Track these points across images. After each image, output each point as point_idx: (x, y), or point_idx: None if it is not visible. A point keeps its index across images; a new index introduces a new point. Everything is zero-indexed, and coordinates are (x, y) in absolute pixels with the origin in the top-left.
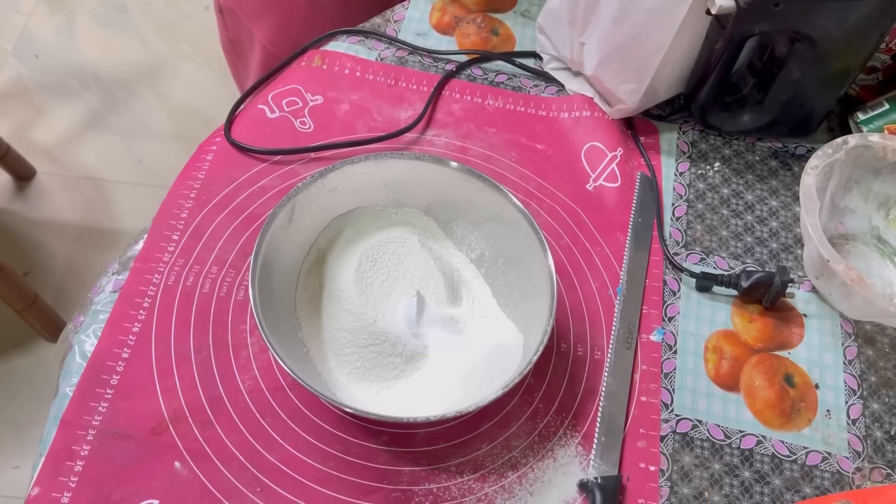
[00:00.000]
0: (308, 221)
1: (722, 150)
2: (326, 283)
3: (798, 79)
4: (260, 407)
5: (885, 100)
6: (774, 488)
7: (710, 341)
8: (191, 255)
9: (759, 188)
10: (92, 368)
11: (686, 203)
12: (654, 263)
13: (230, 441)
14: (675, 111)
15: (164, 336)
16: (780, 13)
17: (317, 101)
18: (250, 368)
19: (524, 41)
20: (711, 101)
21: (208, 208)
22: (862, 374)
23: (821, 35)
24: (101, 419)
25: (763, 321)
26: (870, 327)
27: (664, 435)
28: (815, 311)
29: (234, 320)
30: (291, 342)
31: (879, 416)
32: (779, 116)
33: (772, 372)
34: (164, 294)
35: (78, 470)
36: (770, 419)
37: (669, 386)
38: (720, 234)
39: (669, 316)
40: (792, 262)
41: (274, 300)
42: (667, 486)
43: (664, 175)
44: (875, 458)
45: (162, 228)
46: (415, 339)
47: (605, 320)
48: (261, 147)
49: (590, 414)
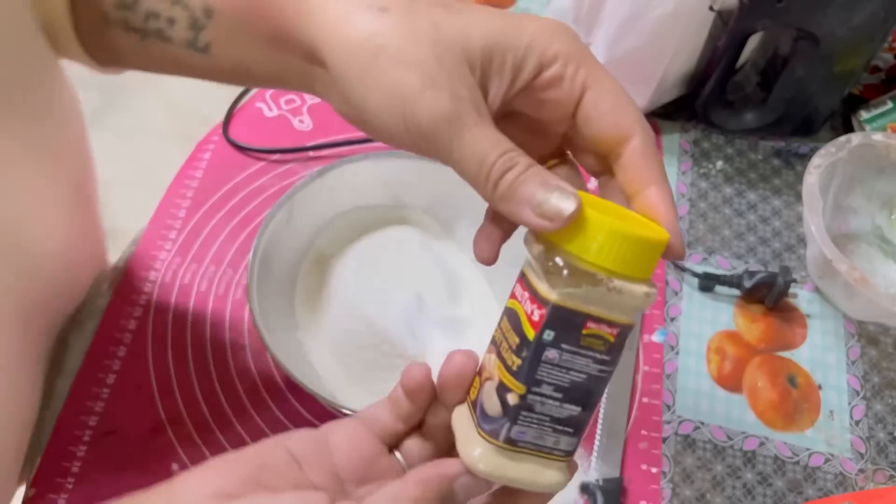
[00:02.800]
0: (307, 221)
1: (724, 149)
2: (325, 282)
3: (802, 77)
4: (258, 407)
5: (889, 98)
6: (777, 490)
7: (712, 342)
8: (188, 253)
9: (761, 187)
10: (88, 367)
11: (688, 202)
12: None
13: (227, 442)
14: (677, 109)
15: (161, 334)
16: (782, 10)
17: (315, 99)
18: (248, 368)
19: None
20: (714, 99)
21: (206, 207)
22: (865, 374)
23: (825, 33)
24: (97, 419)
25: (766, 321)
26: (873, 328)
27: (666, 436)
28: (819, 311)
29: (232, 320)
30: (290, 342)
31: (883, 417)
32: (782, 115)
33: (775, 373)
34: (160, 292)
35: (75, 471)
36: (773, 420)
37: (671, 387)
38: (723, 233)
39: (671, 316)
40: (795, 261)
41: (272, 300)
42: (669, 487)
43: (666, 173)
44: (878, 460)
45: (159, 227)
46: (414, 339)
47: None
48: (259, 146)
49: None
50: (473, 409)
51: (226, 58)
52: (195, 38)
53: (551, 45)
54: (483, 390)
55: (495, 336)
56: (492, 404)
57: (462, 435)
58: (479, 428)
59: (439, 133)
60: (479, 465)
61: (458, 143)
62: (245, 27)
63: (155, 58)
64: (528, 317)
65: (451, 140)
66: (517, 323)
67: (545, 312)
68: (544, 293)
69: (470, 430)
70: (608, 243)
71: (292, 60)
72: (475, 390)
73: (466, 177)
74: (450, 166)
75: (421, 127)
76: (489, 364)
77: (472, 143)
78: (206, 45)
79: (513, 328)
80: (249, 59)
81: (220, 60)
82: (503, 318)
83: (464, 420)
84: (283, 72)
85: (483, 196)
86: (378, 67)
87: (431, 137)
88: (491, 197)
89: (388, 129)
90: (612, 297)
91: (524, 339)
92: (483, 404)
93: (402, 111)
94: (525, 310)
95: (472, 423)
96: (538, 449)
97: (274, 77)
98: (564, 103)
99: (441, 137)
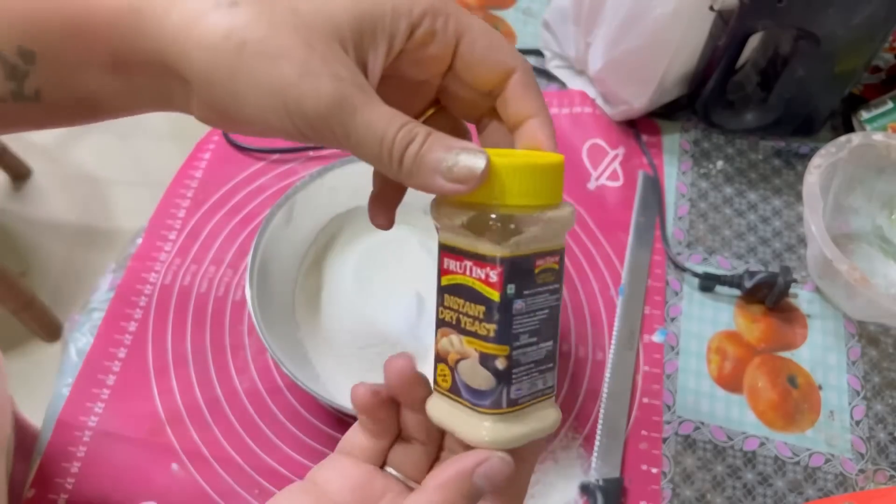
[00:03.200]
0: (307, 221)
1: (725, 149)
2: (325, 283)
3: (802, 77)
4: (258, 408)
5: (890, 98)
6: (777, 490)
7: (712, 342)
8: (188, 254)
9: (762, 187)
10: (88, 368)
11: (688, 202)
12: (656, 263)
13: (228, 443)
14: (677, 109)
15: (161, 336)
16: (783, 10)
17: None
18: (248, 369)
19: (525, 38)
20: (715, 99)
21: (206, 207)
22: (865, 374)
23: (825, 33)
24: (97, 420)
25: (766, 322)
26: (874, 328)
27: (666, 437)
28: (819, 311)
29: (232, 320)
30: (290, 343)
31: (883, 418)
32: (782, 115)
33: (775, 373)
34: (160, 293)
35: (74, 472)
36: (773, 420)
37: (671, 387)
38: (723, 233)
39: (672, 316)
40: (795, 261)
41: (272, 300)
42: (669, 488)
43: (666, 174)
44: (879, 460)
45: (159, 227)
46: (414, 339)
47: (606, 321)
48: (259, 146)
49: (591, 415)
50: (456, 394)
51: (63, 99)
52: (19, 88)
53: (416, 5)
54: (459, 372)
55: (445, 318)
56: (480, 379)
57: (459, 422)
58: (475, 407)
59: (329, 120)
60: (494, 441)
61: (351, 126)
62: (76, 60)
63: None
64: (484, 282)
65: (343, 125)
66: (473, 293)
67: (502, 270)
68: (492, 252)
69: (465, 415)
70: (528, 181)
71: (140, 80)
72: (445, 378)
73: (367, 158)
74: (347, 151)
75: (308, 118)
76: (452, 346)
77: (367, 125)
78: (36, 93)
79: (469, 300)
80: (92, 92)
81: (57, 103)
82: (445, 297)
83: (448, 409)
84: (134, 95)
85: (389, 174)
86: (246, 63)
87: (321, 127)
88: (397, 174)
89: (272, 125)
90: (548, 228)
91: (489, 303)
92: (467, 384)
93: (284, 104)
94: (477, 276)
95: (463, 407)
96: (533, 396)
97: (126, 104)
98: (441, 57)
99: (332, 124)
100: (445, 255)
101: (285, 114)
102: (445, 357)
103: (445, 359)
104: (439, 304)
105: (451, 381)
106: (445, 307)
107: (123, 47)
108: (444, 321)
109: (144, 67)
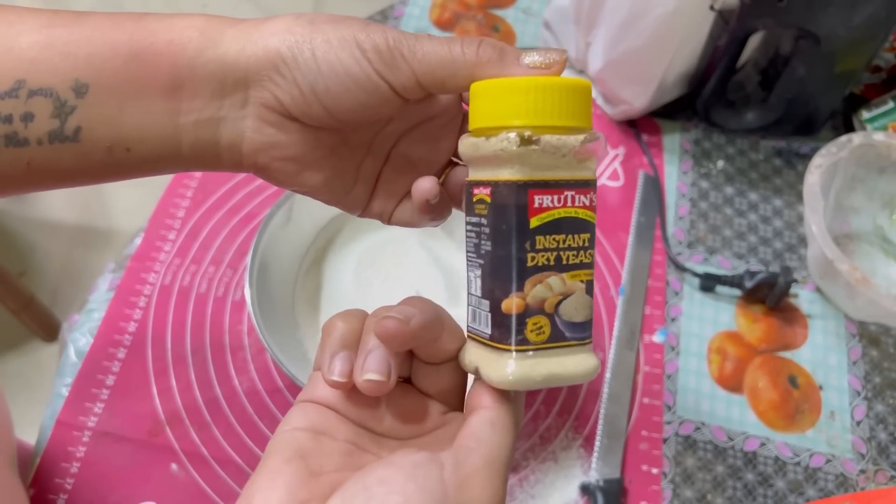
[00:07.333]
0: (306, 220)
1: (725, 149)
2: (325, 283)
3: (803, 77)
4: (257, 408)
5: (890, 98)
6: (778, 491)
7: (713, 342)
8: (187, 254)
9: (762, 187)
10: (87, 368)
11: (689, 202)
12: (656, 263)
13: (227, 443)
14: (678, 109)
15: (160, 336)
16: (783, 10)
17: None
18: (247, 370)
19: (525, 38)
20: (715, 98)
21: (205, 207)
22: (866, 375)
23: (826, 33)
24: (96, 420)
25: (767, 322)
26: (874, 328)
27: (667, 437)
28: (820, 311)
29: (232, 320)
30: (289, 343)
31: (884, 418)
32: (783, 115)
33: (775, 373)
34: (160, 293)
35: (74, 472)
36: (774, 421)
37: (672, 387)
38: (723, 233)
39: (672, 316)
40: (796, 261)
41: (272, 300)
42: (669, 488)
43: (667, 173)
44: (879, 460)
45: (158, 227)
46: None
47: (607, 321)
48: None
49: (591, 416)
50: (557, 341)
51: (100, 139)
52: (61, 126)
53: None
54: (561, 314)
55: (539, 262)
56: (586, 310)
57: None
58: (582, 342)
59: (399, 43)
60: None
61: (417, 45)
62: (132, 88)
63: None
64: (587, 207)
65: (410, 46)
66: (575, 223)
67: (595, 191)
68: (592, 175)
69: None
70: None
71: (193, 104)
72: (540, 330)
73: (435, 65)
74: (413, 73)
75: (379, 48)
76: (551, 290)
77: (431, 38)
78: (76, 131)
79: (572, 232)
80: (132, 130)
81: (93, 144)
82: (538, 239)
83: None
84: (177, 128)
85: (458, 72)
86: (319, 29)
87: (391, 50)
88: (474, 65)
89: (350, 70)
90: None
91: (591, 228)
92: (571, 322)
93: (356, 42)
94: (581, 204)
95: (567, 349)
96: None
97: (163, 143)
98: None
99: (401, 46)
100: (536, 193)
101: (359, 52)
102: (541, 306)
103: (541, 308)
104: (529, 251)
105: (550, 330)
106: (538, 251)
107: (185, 64)
108: (538, 267)
109: (203, 85)
